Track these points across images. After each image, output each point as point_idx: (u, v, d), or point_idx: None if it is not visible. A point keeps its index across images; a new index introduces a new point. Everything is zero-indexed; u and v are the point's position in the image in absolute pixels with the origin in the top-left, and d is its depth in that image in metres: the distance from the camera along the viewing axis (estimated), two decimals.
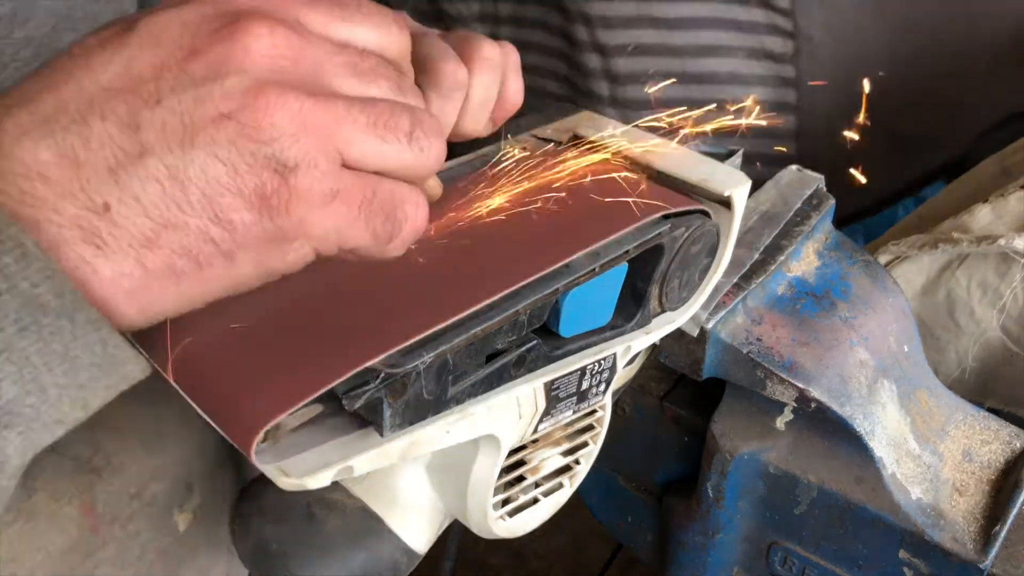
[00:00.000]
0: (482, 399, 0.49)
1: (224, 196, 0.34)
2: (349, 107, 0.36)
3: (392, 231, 0.38)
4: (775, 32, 1.36)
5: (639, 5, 1.39)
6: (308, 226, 0.36)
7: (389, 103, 0.37)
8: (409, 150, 0.37)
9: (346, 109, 0.36)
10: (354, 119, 0.36)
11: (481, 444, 0.53)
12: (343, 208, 0.36)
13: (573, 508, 0.63)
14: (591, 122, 0.60)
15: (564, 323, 0.51)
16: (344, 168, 0.36)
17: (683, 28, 1.38)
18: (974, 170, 1.07)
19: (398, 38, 0.40)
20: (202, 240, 0.35)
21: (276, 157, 0.34)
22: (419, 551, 0.58)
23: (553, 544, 1.59)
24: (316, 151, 0.35)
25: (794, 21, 1.34)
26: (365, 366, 0.41)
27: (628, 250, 0.51)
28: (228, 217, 0.34)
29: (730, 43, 1.38)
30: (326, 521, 0.56)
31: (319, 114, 0.35)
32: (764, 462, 0.68)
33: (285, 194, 0.35)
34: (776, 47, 1.37)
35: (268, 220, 0.35)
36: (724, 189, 0.55)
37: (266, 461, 0.42)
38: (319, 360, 0.41)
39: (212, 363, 0.42)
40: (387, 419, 0.44)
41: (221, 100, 0.34)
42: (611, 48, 1.44)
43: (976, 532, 0.64)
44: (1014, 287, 0.86)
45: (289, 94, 0.34)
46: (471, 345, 0.46)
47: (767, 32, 1.37)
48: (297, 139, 0.34)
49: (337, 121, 0.35)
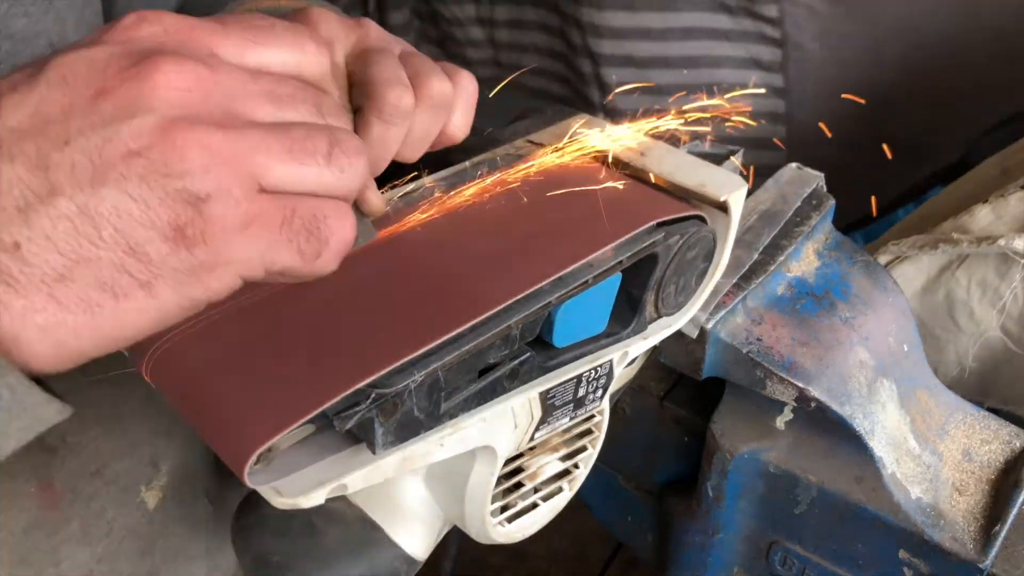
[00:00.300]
0: (476, 412, 0.49)
1: (137, 229, 0.34)
2: (264, 135, 0.36)
3: (318, 248, 0.38)
4: (763, 41, 1.36)
5: (630, 15, 1.39)
6: (228, 253, 0.36)
7: (306, 126, 0.37)
8: (328, 171, 0.37)
9: (260, 137, 0.36)
10: (268, 146, 0.36)
11: (477, 454, 0.52)
12: (263, 231, 0.36)
13: (573, 508, 0.63)
14: (588, 126, 0.59)
15: (558, 334, 0.51)
16: (262, 192, 0.36)
17: (672, 39, 1.38)
18: (974, 170, 1.07)
19: (314, 58, 0.40)
20: (117, 272, 0.35)
21: (188, 190, 0.34)
22: (419, 559, 0.58)
23: (553, 544, 1.59)
24: (229, 180, 0.35)
25: (783, 30, 1.34)
26: (356, 387, 0.41)
27: (621, 260, 0.50)
28: (143, 249, 0.34)
29: (719, 53, 1.38)
30: (326, 532, 0.56)
31: (230, 144, 0.35)
32: (764, 462, 0.68)
33: (200, 224, 0.35)
34: (765, 56, 1.37)
35: (184, 250, 0.35)
36: (720, 194, 0.54)
37: (260, 482, 0.42)
38: (310, 382, 0.41)
39: (205, 385, 0.42)
40: (379, 437, 0.44)
41: (130, 138, 0.34)
42: (601, 57, 1.44)
43: (976, 532, 0.64)
44: (1014, 287, 0.86)
45: (198, 128, 0.34)
46: (463, 361, 0.45)
47: (755, 41, 1.36)
48: (208, 170, 0.34)
49: (250, 149, 0.35)
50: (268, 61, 0.39)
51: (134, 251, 0.34)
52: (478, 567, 1.54)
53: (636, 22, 1.39)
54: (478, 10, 1.60)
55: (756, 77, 1.39)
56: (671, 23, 1.37)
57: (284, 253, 0.37)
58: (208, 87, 0.35)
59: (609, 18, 1.39)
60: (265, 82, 0.37)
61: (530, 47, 1.58)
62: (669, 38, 1.38)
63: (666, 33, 1.38)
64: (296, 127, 0.37)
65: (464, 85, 0.50)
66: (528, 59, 1.61)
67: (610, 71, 1.45)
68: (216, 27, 0.38)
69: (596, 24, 1.41)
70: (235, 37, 0.38)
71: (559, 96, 1.58)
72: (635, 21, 1.38)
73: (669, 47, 1.39)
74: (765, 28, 1.34)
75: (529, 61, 1.60)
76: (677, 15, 1.36)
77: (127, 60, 0.35)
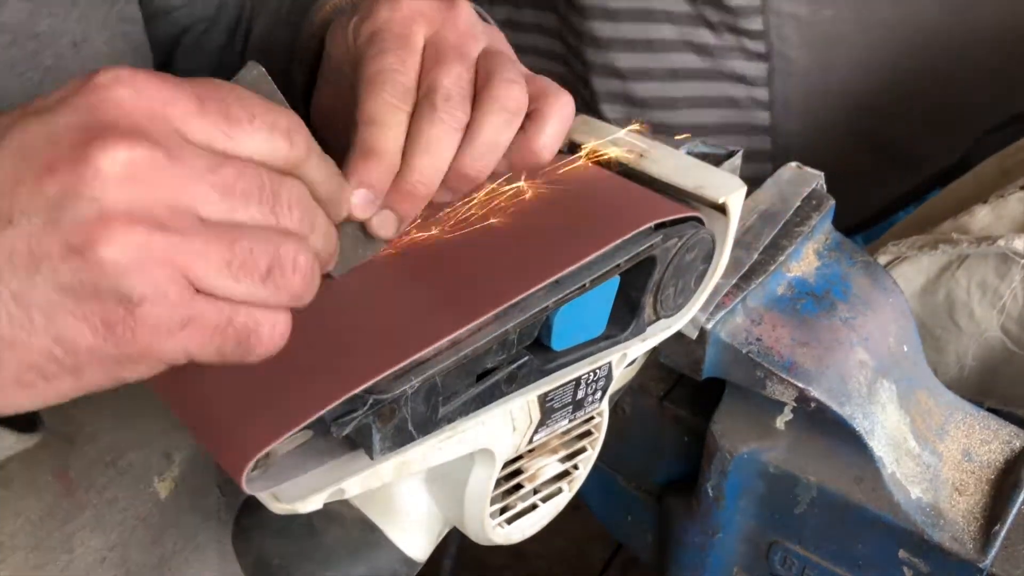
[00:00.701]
0: (474, 416, 0.48)
1: (68, 320, 0.34)
2: (205, 242, 0.35)
3: (243, 354, 0.38)
4: (746, 56, 1.35)
5: (614, 26, 1.38)
6: (156, 351, 0.36)
7: (251, 239, 0.36)
8: (263, 289, 0.37)
9: (201, 243, 0.35)
10: (207, 256, 0.35)
11: (476, 457, 0.52)
12: (195, 334, 0.36)
13: (573, 509, 0.63)
14: (587, 127, 0.59)
15: (556, 337, 0.50)
16: (198, 294, 0.36)
17: (654, 51, 1.37)
18: (974, 170, 1.07)
19: (286, 150, 0.38)
20: (46, 358, 0.35)
21: (120, 291, 0.34)
22: (419, 560, 0.58)
23: (553, 544, 1.59)
24: (165, 282, 0.34)
25: (767, 43, 1.33)
26: (353, 393, 0.41)
27: (619, 263, 0.50)
28: (72, 340, 0.34)
29: (701, 66, 1.37)
30: (326, 534, 0.56)
31: (170, 248, 0.34)
32: (764, 462, 0.68)
33: (131, 323, 0.34)
34: (748, 71, 1.36)
35: (113, 346, 0.35)
36: (719, 195, 0.53)
37: (258, 488, 0.42)
38: (307, 388, 0.41)
39: (203, 390, 0.42)
40: (376, 443, 0.43)
41: (69, 230, 0.33)
42: (588, 64, 1.44)
43: (976, 532, 0.64)
44: (1014, 287, 0.86)
45: (138, 228, 0.34)
46: (461, 366, 0.45)
47: (738, 56, 1.35)
48: (144, 272, 0.34)
49: (188, 255, 0.35)
50: (237, 148, 0.37)
51: (63, 340, 0.34)
52: (478, 567, 1.54)
53: (618, 33, 1.38)
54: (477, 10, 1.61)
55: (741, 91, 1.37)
56: (652, 35, 1.36)
57: (210, 354, 0.37)
58: (159, 177, 0.34)
59: (593, 28, 1.39)
60: (225, 173, 0.36)
61: (528, 49, 1.58)
62: (651, 49, 1.37)
63: (648, 44, 1.37)
64: (242, 237, 0.36)
65: (563, 102, 0.50)
66: (526, 60, 1.61)
67: (595, 80, 1.44)
68: (191, 106, 0.36)
69: (580, 32, 1.41)
70: (207, 122, 0.36)
71: None
72: (618, 32, 1.38)
73: (651, 58, 1.38)
74: (747, 43, 1.33)
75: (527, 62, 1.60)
76: (659, 26, 1.35)
77: (82, 134, 0.34)
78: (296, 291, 0.38)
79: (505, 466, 0.54)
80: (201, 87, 0.37)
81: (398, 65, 0.47)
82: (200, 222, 0.35)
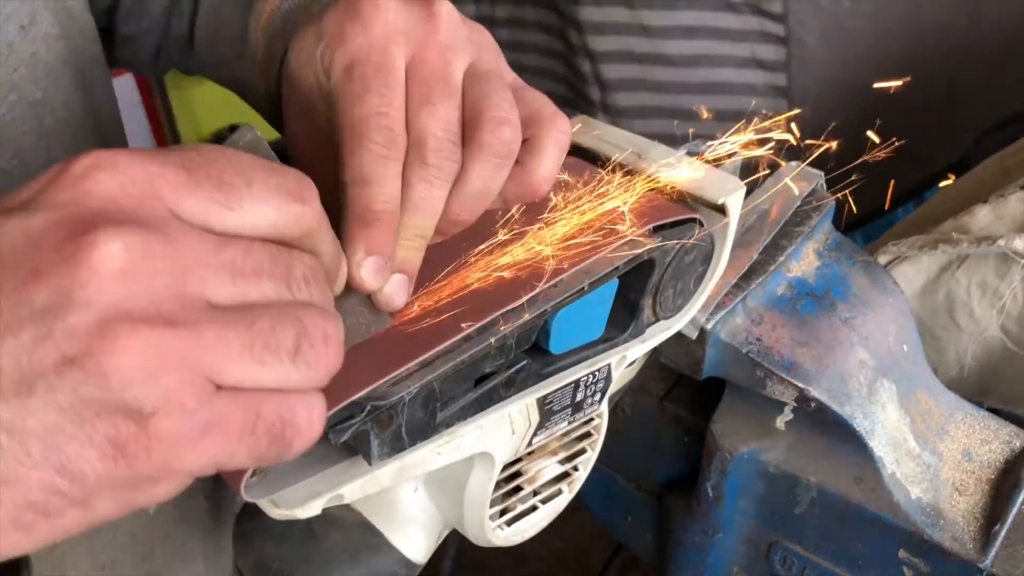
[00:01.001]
0: (472, 420, 0.48)
1: (70, 446, 0.30)
2: (220, 328, 0.31)
3: (280, 451, 0.33)
4: (767, 40, 1.36)
5: (631, 13, 1.39)
6: (177, 467, 0.31)
7: (271, 316, 0.32)
8: (294, 369, 0.32)
9: (216, 332, 0.31)
10: (227, 345, 0.31)
11: (475, 460, 0.52)
12: (220, 439, 0.31)
13: (573, 509, 0.62)
14: (586, 128, 0.58)
15: (554, 341, 0.50)
16: (219, 392, 0.31)
17: (674, 37, 1.39)
18: (974, 170, 1.07)
19: (297, 217, 0.34)
20: (48, 493, 0.30)
21: (129, 404, 0.30)
22: (418, 562, 0.58)
23: (553, 544, 1.58)
24: (180, 387, 0.30)
25: (787, 27, 1.34)
26: (351, 400, 0.40)
27: (617, 267, 0.49)
28: (77, 468, 0.30)
29: (721, 52, 1.38)
30: (326, 537, 0.56)
31: (181, 345, 0.30)
32: (764, 462, 0.68)
33: (144, 440, 0.30)
34: (768, 55, 1.37)
35: (126, 468, 0.31)
36: (719, 196, 0.53)
37: (257, 495, 0.41)
38: None
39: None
40: (375, 449, 0.43)
41: (63, 341, 0.29)
42: (601, 54, 1.44)
43: (976, 531, 0.64)
44: (1013, 287, 0.86)
45: (142, 329, 0.30)
46: (458, 372, 0.45)
47: (759, 40, 1.36)
48: (155, 379, 0.30)
49: (204, 349, 0.30)
50: (240, 224, 0.33)
51: (66, 470, 0.30)
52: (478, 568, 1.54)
53: (636, 19, 1.39)
54: (478, 9, 1.61)
55: (759, 76, 1.39)
56: (673, 21, 1.37)
57: (243, 459, 0.32)
58: (158, 266, 0.30)
59: (610, 13, 1.40)
60: (231, 252, 0.32)
61: (530, 46, 1.59)
62: (670, 36, 1.38)
63: (668, 31, 1.38)
64: (260, 316, 0.32)
65: (559, 128, 0.46)
66: (528, 58, 1.61)
67: (610, 68, 1.45)
68: (180, 179, 0.32)
69: (595, 21, 1.41)
70: (201, 195, 0.32)
71: (559, 96, 1.58)
72: (635, 18, 1.39)
73: (670, 45, 1.39)
74: (769, 25, 1.34)
75: (529, 60, 1.61)
76: (680, 13, 1.37)
77: (67, 231, 0.30)
78: (333, 364, 0.34)
79: (504, 468, 0.54)
80: (186, 155, 0.33)
81: (384, 107, 0.43)
82: (212, 309, 0.31)
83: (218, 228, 0.32)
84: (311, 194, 0.35)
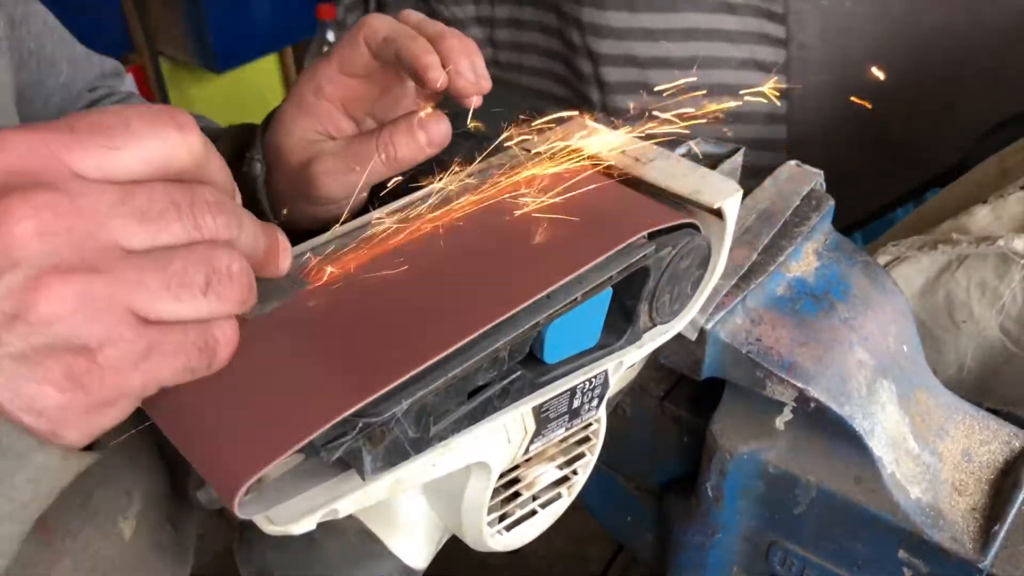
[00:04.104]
0: (467, 432, 0.48)
1: (30, 387, 0.34)
2: (139, 273, 0.35)
3: (209, 360, 0.38)
4: (767, 42, 1.36)
5: (631, 16, 1.39)
6: (128, 388, 0.36)
7: (182, 258, 0.36)
8: (206, 303, 0.37)
9: (136, 274, 0.35)
10: (147, 286, 0.35)
11: (472, 469, 0.52)
12: (159, 361, 0.36)
13: (573, 509, 0.62)
14: (584, 130, 0.57)
15: (549, 351, 0.49)
16: (148, 325, 0.36)
17: (674, 39, 1.39)
18: (974, 170, 1.07)
19: (181, 145, 0.38)
20: (19, 433, 0.35)
21: (75, 343, 0.34)
22: (419, 569, 0.58)
23: (553, 544, 1.58)
24: (116, 323, 0.34)
25: (787, 28, 1.34)
26: (342, 417, 0.40)
27: (611, 276, 0.49)
28: (41, 404, 0.35)
29: (721, 54, 1.38)
30: (326, 545, 0.55)
31: (108, 289, 0.34)
32: (763, 462, 0.68)
33: (98, 370, 0.35)
34: (768, 57, 1.37)
35: (84, 396, 0.35)
36: (715, 200, 0.52)
37: (251, 512, 0.41)
38: (296, 413, 0.40)
39: (196, 415, 0.42)
40: (368, 464, 0.43)
41: (3, 301, 0.33)
42: (601, 56, 1.44)
43: (975, 532, 0.64)
44: (1013, 287, 0.86)
45: (71, 278, 0.33)
46: (451, 385, 0.44)
47: (758, 42, 1.36)
48: (93, 319, 0.34)
49: (128, 290, 0.35)
50: (132, 166, 0.36)
51: (32, 409, 0.35)
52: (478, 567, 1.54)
53: (637, 23, 1.39)
54: (478, 10, 1.61)
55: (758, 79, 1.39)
56: (674, 23, 1.37)
57: (178, 373, 0.37)
58: (71, 222, 0.34)
59: (610, 18, 1.40)
60: (135, 199, 0.35)
61: (529, 47, 1.59)
62: (670, 39, 1.38)
63: (667, 34, 1.38)
64: (172, 258, 0.36)
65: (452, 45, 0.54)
66: (528, 59, 1.61)
67: (610, 71, 1.45)
68: (66, 137, 0.35)
69: (596, 24, 1.41)
70: (90, 146, 0.35)
71: (559, 96, 1.58)
72: (636, 22, 1.39)
73: (670, 47, 1.39)
74: (769, 27, 1.34)
75: (529, 61, 1.61)
76: (681, 15, 1.37)
77: None
78: (237, 298, 0.38)
79: (502, 476, 0.54)
80: (70, 119, 0.36)
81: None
82: (128, 255, 0.35)
83: (119, 175, 0.36)
84: (187, 119, 0.38)
